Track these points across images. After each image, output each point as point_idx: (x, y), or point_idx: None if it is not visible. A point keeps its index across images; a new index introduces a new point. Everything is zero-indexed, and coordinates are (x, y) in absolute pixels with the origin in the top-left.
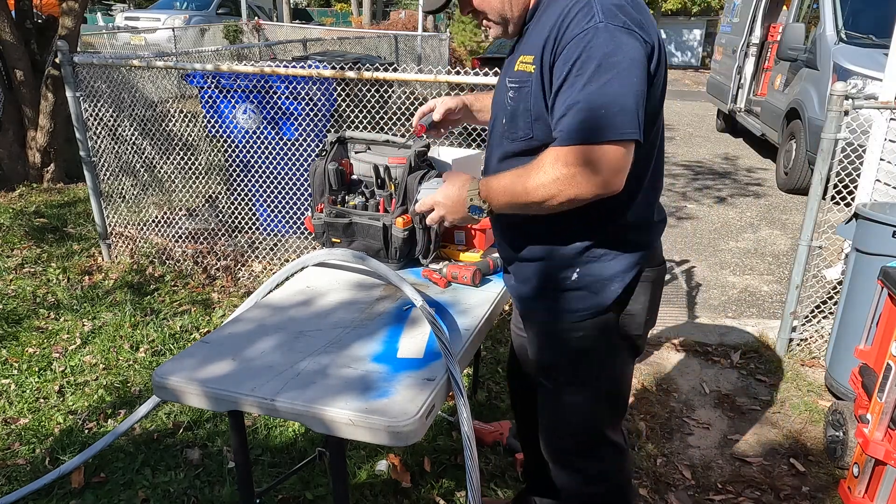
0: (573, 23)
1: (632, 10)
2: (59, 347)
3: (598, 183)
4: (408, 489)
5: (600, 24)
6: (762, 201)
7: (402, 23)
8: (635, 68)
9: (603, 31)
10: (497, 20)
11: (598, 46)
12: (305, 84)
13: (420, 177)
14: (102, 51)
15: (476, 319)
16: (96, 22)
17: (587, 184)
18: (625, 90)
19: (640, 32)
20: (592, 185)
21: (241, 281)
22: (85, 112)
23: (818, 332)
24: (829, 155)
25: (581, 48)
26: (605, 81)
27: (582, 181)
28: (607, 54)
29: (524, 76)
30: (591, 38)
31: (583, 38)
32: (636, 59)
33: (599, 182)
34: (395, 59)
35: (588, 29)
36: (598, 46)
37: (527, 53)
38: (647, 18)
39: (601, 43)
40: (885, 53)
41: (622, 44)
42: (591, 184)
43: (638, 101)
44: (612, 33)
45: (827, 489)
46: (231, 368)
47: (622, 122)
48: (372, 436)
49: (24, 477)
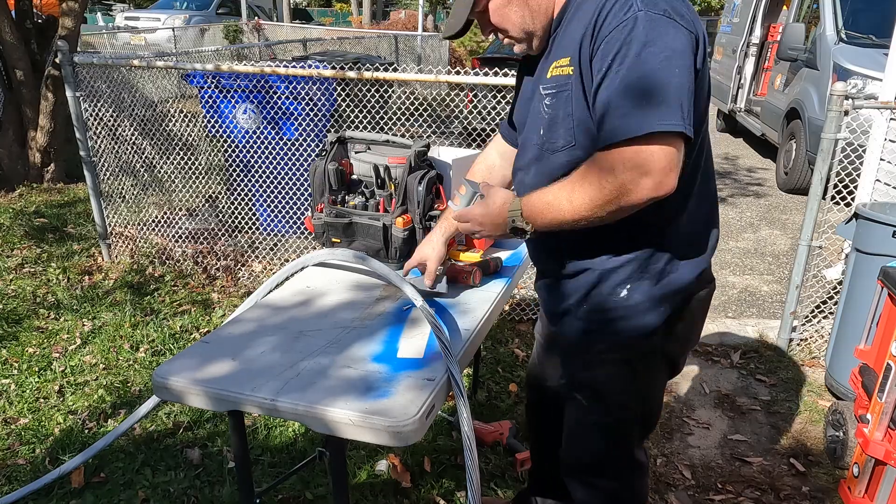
0: (611, 14)
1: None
2: (59, 347)
3: (649, 186)
4: (408, 489)
5: (640, 12)
6: (762, 201)
7: (402, 23)
8: (677, 58)
9: (643, 19)
10: (519, 36)
11: (637, 36)
12: (305, 84)
13: (420, 177)
14: (102, 51)
15: (476, 319)
16: (96, 22)
17: (638, 188)
18: (666, 81)
19: (681, 21)
20: (644, 188)
21: (241, 281)
22: (85, 112)
23: (818, 332)
24: (829, 155)
25: (620, 41)
26: (646, 71)
27: (631, 187)
28: (647, 43)
29: (562, 80)
30: (630, 28)
31: (622, 30)
32: (678, 49)
33: (651, 185)
34: (395, 59)
35: (626, 20)
36: (638, 36)
37: (561, 56)
38: (689, 8)
39: (640, 32)
40: (885, 53)
41: (663, 33)
42: (641, 188)
43: (682, 93)
44: (653, 21)
45: (827, 489)
46: (231, 368)
47: (666, 114)
48: (372, 436)
49: (24, 477)
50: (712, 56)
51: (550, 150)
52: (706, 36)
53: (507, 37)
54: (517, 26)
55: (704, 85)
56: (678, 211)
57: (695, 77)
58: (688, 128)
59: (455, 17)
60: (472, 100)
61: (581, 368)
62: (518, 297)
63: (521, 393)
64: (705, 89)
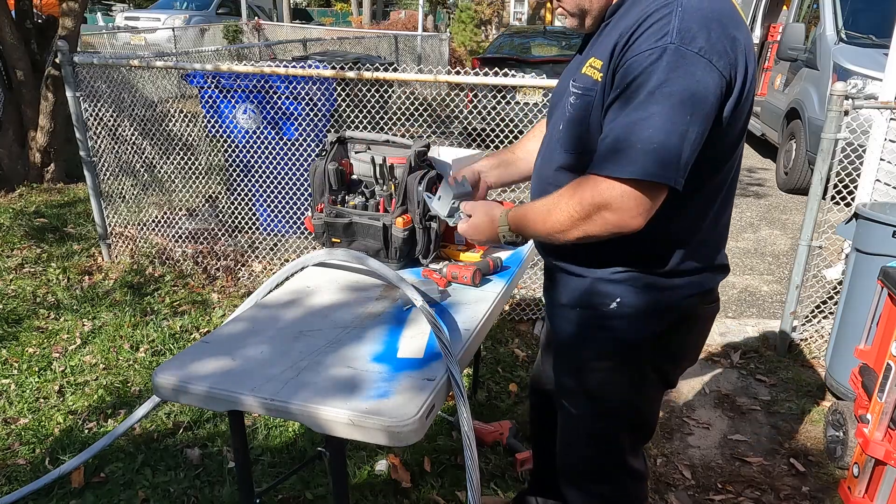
0: (645, 35)
1: (718, 30)
2: (59, 347)
3: (614, 224)
4: (408, 489)
5: (671, 44)
6: (762, 201)
7: (402, 23)
8: (692, 105)
9: (671, 53)
10: (574, 10)
11: (658, 71)
12: (305, 84)
13: (420, 177)
14: (102, 51)
15: (476, 319)
16: (96, 22)
17: (603, 226)
18: (669, 128)
19: (717, 63)
20: (607, 226)
21: (241, 281)
22: (85, 112)
23: (818, 332)
24: (829, 155)
25: (642, 68)
26: (652, 113)
27: (597, 223)
28: (664, 82)
29: (590, 84)
30: (655, 58)
31: (647, 57)
32: (698, 95)
33: (615, 224)
34: (395, 59)
35: (655, 48)
36: (659, 71)
37: (598, 57)
38: (734, 43)
39: (663, 67)
40: (885, 53)
41: (687, 73)
42: (606, 226)
43: (683, 143)
44: (681, 59)
45: (827, 489)
46: (231, 368)
47: (654, 163)
48: (372, 436)
49: (24, 477)
50: None
51: (563, 149)
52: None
53: (561, 7)
54: (574, 2)
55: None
56: (689, 231)
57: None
58: (677, 180)
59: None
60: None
61: (570, 374)
62: (518, 297)
63: (521, 393)
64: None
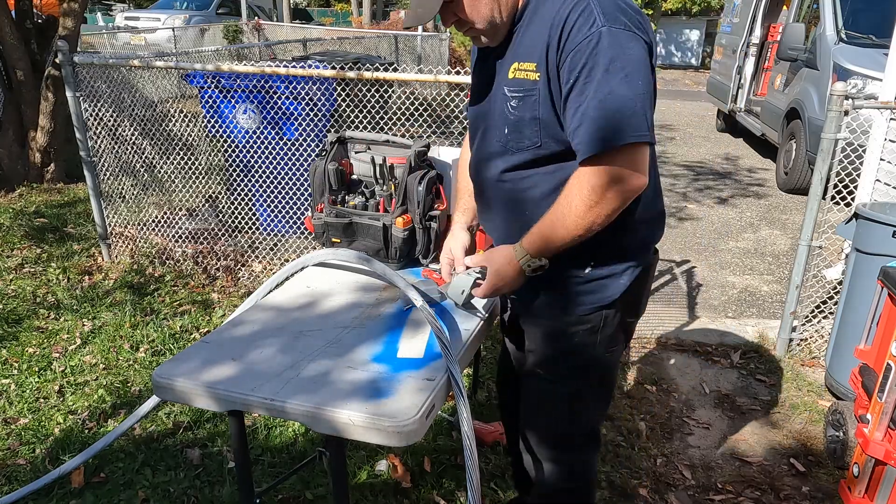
0: (575, 28)
1: (630, 10)
2: (59, 347)
3: (628, 190)
4: (408, 489)
5: (603, 27)
6: (762, 201)
7: (402, 23)
8: (641, 70)
9: (606, 34)
10: (485, 27)
11: (603, 51)
12: (305, 84)
13: (420, 177)
14: (102, 51)
15: (476, 319)
16: (96, 22)
17: (620, 196)
18: (633, 93)
19: (640, 33)
20: (624, 194)
21: (241, 281)
22: (85, 112)
23: (818, 332)
24: (829, 155)
25: (587, 55)
26: (614, 86)
27: (614, 196)
28: (613, 58)
29: (528, 84)
30: (595, 42)
31: (587, 44)
32: (641, 61)
33: (629, 189)
34: (395, 59)
35: (591, 34)
36: (604, 51)
37: (525, 60)
38: (641, 16)
39: (606, 47)
40: (885, 53)
41: (626, 46)
42: (622, 194)
43: (646, 103)
44: (616, 36)
45: (827, 489)
46: (231, 368)
47: (637, 124)
48: (372, 436)
49: (24, 477)
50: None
51: (515, 149)
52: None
53: (472, 29)
54: (485, 18)
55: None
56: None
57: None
58: (652, 136)
59: (424, 6)
60: None
61: (550, 343)
62: None
63: None
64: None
